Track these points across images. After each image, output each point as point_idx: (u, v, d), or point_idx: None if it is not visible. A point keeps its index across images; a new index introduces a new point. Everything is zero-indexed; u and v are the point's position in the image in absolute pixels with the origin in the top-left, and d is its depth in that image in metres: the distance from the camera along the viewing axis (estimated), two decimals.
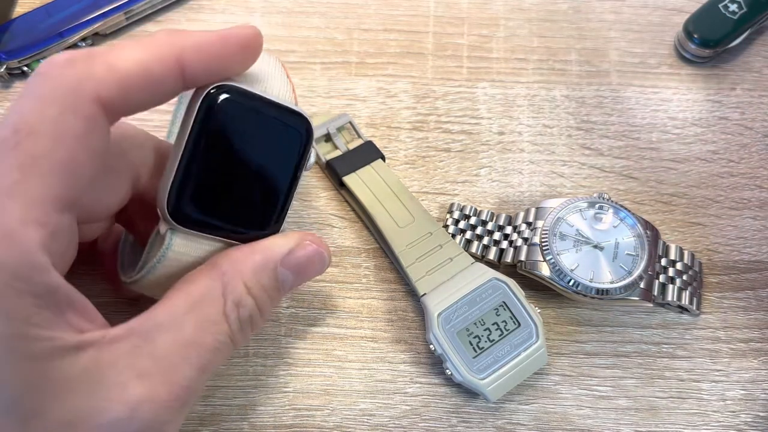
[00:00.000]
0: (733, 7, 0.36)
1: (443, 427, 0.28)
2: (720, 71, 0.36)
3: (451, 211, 0.32)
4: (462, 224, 0.31)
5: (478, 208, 0.32)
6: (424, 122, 0.34)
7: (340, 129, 0.33)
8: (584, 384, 0.29)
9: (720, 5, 0.36)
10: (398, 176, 0.32)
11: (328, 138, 0.33)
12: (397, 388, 0.29)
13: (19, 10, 0.37)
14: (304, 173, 0.24)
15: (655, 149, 0.34)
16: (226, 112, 0.21)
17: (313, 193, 0.33)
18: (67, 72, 0.18)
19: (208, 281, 0.21)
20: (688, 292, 0.29)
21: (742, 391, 0.29)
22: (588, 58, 0.36)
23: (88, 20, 0.35)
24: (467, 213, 0.31)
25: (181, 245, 0.22)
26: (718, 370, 0.29)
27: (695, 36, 0.35)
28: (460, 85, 0.36)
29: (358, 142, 0.33)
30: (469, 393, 0.28)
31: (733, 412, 0.28)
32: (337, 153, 0.32)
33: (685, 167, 0.33)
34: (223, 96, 0.21)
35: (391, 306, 0.30)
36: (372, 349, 0.29)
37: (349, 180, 0.31)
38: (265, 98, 0.22)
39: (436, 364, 0.29)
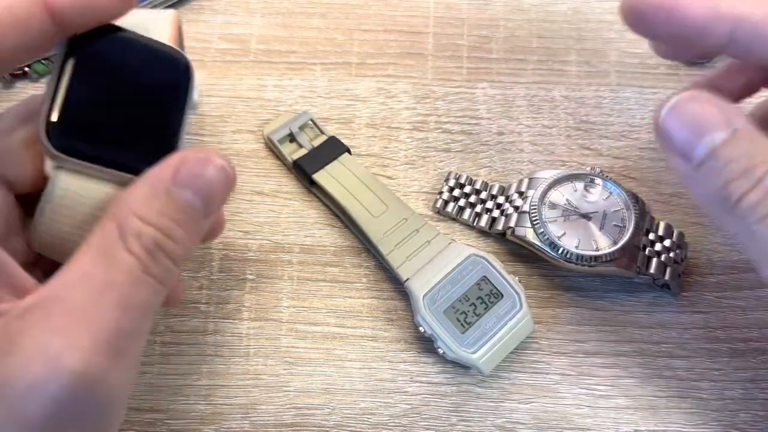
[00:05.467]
0: None
1: (443, 426, 0.28)
2: None
3: (447, 179, 0.32)
4: (456, 192, 0.32)
5: (474, 178, 0.32)
6: (424, 122, 0.35)
7: (302, 127, 0.33)
8: (584, 383, 0.29)
9: None
10: (364, 166, 0.32)
11: (291, 138, 0.33)
12: (398, 387, 0.29)
13: None
14: (191, 112, 0.24)
15: (654, 149, 0.34)
16: (97, 36, 0.21)
17: (313, 193, 0.33)
18: None
19: (103, 230, 0.20)
20: (671, 269, 0.29)
21: (742, 391, 0.29)
22: (587, 59, 0.36)
23: None
24: (462, 182, 0.32)
25: (66, 182, 0.21)
26: (717, 370, 0.29)
27: None
28: (459, 86, 0.36)
29: (322, 139, 0.33)
30: (468, 392, 0.28)
31: (733, 411, 0.28)
32: (303, 152, 0.33)
33: None
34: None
35: (391, 305, 0.30)
36: (372, 349, 0.29)
37: (319, 177, 0.31)
38: (139, 35, 0.22)
39: (436, 363, 0.29)
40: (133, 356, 0.20)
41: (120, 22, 0.22)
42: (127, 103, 0.22)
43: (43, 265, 0.23)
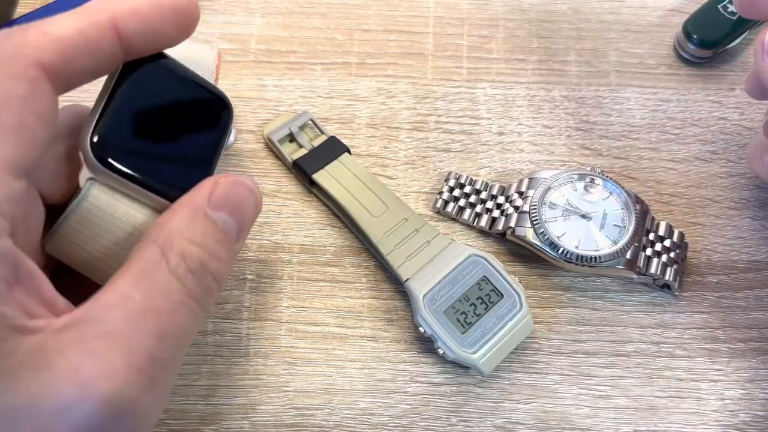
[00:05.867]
0: (733, 7, 0.36)
1: (443, 426, 0.28)
2: (719, 72, 0.36)
3: (447, 179, 0.32)
4: (456, 192, 0.32)
5: (474, 178, 0.33)
6: (424, 122, 0.35)
7: (302, 127, 0.33)
8: (583, 383, 0.29)
9: (719, 6, 0.36)
10: (364, 166, 0.32)
11: (291, 138, 0.33)
12: (397, 387, 0.29)
13: (19, 10, 0.37)
14: (224, 152, 0.25)
15: (654, 149, 0.34)
16: (150, 64, 0.22)
17: (313, 193, 0.33)
18: (4, 44, 0.18)
19: (143, 253, 0.20)
20: (672, 269, 0.29)
21: (741, 391, 0.29)
22: (587, 59, 0.36)
23: None
24: (462, 182, 0.32)
25: (97, 197, 0.21)
26: (717, 370, 0.29)
27: (694, 36, 0.35)
28: (459, 86, 0.36)
29: (322, 139, 0.33)
30: (468, 392, 0.28)
31: (732, 411, 0.28)
32: (303, 152, 0.33)
33: (684, 167, 0.34)
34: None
35: (391, 305, 0.30)
36: (372, 349, 0.29)
37: (319, 177, 0.31)
38: (189, 70, 0.23)
39: (436, 363, 0.29)
40: (165, 385, 0.19)
41: (171, 49, 0.23)
42: (170, 132, 0.23)
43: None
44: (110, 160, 0.21)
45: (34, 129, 0.18)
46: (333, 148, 0.32)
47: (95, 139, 0.21)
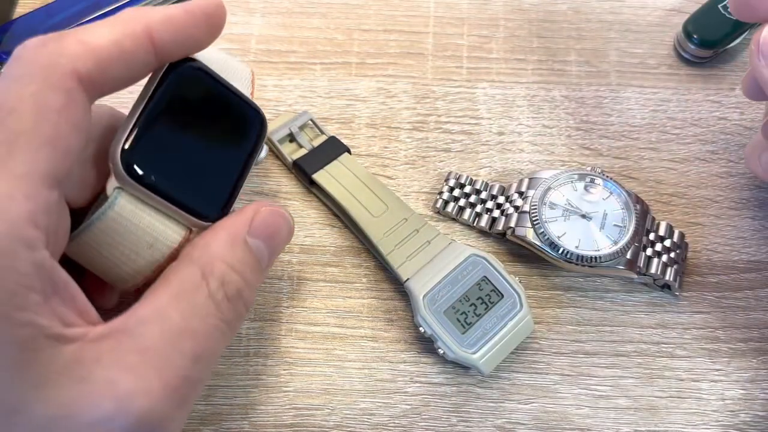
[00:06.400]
0: None
1: (443, 427, 0.28)
2: (719, 72, 0.36)
3: (447, 179, 0.32)
4: (456, 192, 0.32)
5: (474, 178, 0.33)
6: (424, 122, 0.35)
7: (302, 127, 0.33)
8: (584, 383, 0.29)
9: (719, 5, 0.36)
10: (364, 166, 0.32)
11: (291, 138, 0.33)
12: (398, 387, 0.29)
13: (19, 10, 0.37)
14: (254, 166, 0.25)
15: (654, 149, 0.34)
16: (189, 77, 0.22)
17: (313, 193, 0.33)
18: (40, 51, 0.18)
19: (185, 270, 0.20)
20: (672, 269, 0.29)
21: (742, 391, 0.29)
22: (587, 59, 0.36)
23: (89, 21, 0.35)
24: (462, 182, 0.32)
25: (124, 207, 0.21)
26: (718, 370, 0.29)
27: (695, 36, 0.35)
28: (459, 86, 0.36)
29: (322, 139, 0.33)
30: (468, 392, 0.28)
31: (733, 411, 0.28)
32: (303, 152, 0.33)
33: (685, 167, 0.34)
34: (189, 63, 0.22)
35: (391, 306, 0.30)
36: (372, 349, 0.29)
37: (319, 177, 0.31)
38: (227, 82, 0.23)
39: (436, 363, 0.29)
40: (192, 403, 0.20)
41: (208, 62, 0.23)
42: (203, 147, 0.23)
43: None
44: (140, 174, 0.21)
45: (69, 139, 0.18)
46: (333, 148, 0.32)
47: (126, 152, 0.21)
